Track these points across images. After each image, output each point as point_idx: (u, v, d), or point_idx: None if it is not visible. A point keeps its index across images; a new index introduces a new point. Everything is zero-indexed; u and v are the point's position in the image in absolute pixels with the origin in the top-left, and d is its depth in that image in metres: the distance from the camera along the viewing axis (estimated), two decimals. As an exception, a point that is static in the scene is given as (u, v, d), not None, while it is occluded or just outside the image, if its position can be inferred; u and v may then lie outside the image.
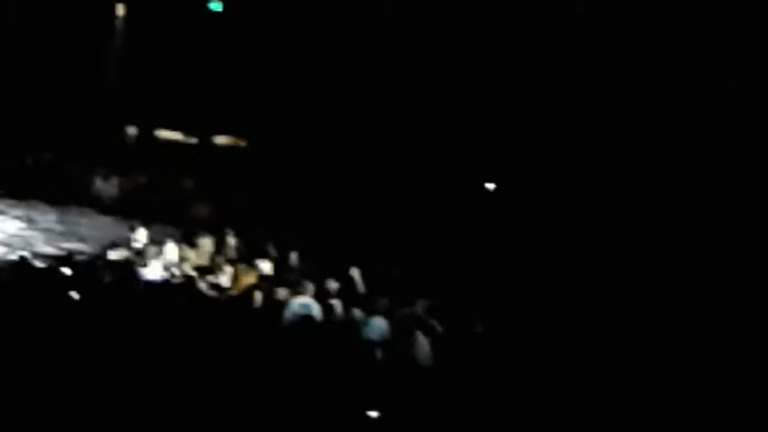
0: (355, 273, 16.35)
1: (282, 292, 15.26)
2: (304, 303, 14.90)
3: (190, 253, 17.05)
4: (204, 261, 17.04)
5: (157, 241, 17.49)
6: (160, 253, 16.79)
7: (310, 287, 15.22)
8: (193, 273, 16.30)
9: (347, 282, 16.12)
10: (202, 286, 15.65)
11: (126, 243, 17.34)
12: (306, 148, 24.80)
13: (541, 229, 21.43)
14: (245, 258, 17.19)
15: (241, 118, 26.33)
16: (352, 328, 14.55)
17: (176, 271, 16.37)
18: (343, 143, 24.58)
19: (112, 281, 15.12)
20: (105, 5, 26.93)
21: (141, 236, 17.41)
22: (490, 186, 23.83)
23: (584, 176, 23.01)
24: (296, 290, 15.24)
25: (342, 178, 23.51)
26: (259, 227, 19.38)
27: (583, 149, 23.26)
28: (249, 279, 16.29)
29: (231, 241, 17.77)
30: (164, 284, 15.71)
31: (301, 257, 17.31)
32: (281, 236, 18.26)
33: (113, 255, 16.76)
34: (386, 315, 14.80)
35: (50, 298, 13.62)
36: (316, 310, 14.86)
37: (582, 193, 22.67)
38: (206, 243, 17.51)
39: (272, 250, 17.59)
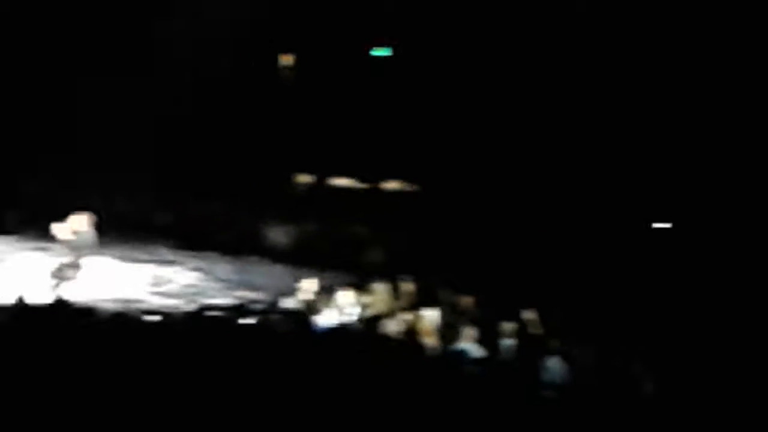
0: (530, 314, 15.92)
1: (453, 337, 14.94)
2: (468, 347, 14.60)
3: (366, 300, 16.79)
4: (380, 307, 16.75)
5: (330, 289, 17.31)
6: (333, 300, 16.58)
7: (473, 332, 14.93)
8: (370, 319, 16.03)
9: (522, 324, 15.72)
10: (380, 332, 15.34)
11: (299, 291, 17.17)
12: (477, 192, 24.49)
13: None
14: (420, 303, 16.86)
15: (412, 163, 26.16)
16: (528, 370, 14.15)
17: (352, 318, 16.09)
18: (512, 185, 24.25)
19: (287, 329, 14.93)
20: (273, 55, 27.20)
21: (313, 285, 17.21)
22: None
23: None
24: (466, 334, 14.92)
25: (513, 218, 23.18)
26: (434, 272, 19.07)
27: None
28: (424, 324, 15.94)
29: (406, 286, 17.46)
30: (340, 331, 15.45)
31: (476, 300, 16.95)
32: (455, 280, 17.95)
33: (287, 303, 16.61)
34: (564, 357, 14.38)
35: (225, 349, 13.48)
36: (481, 352, 14.53)
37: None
38: (381, 289, 17.24)
39: (447, 295, 17.27)
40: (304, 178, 26.69)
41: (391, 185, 26.69)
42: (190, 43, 25.40)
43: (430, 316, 16.28)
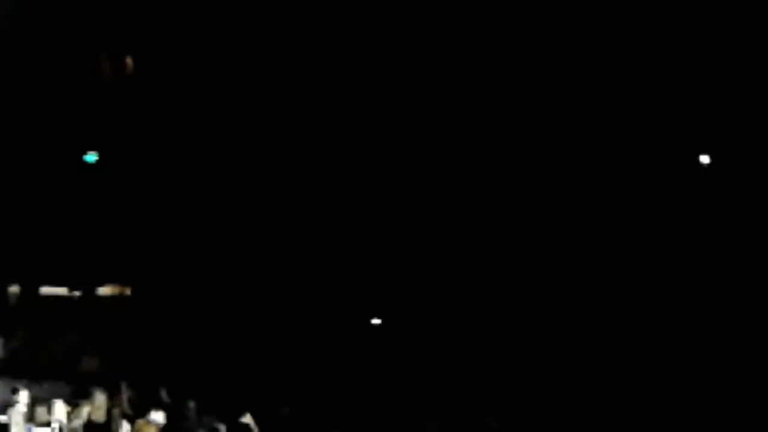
0: (247, 418, 16.10)
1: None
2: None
3: (84, 410, 16.58)
4: (99, 416, 16.58)
5: (45, 400, 17.00)
6: (48, 412, 16.29)
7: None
8: (88, 429, 15.86)
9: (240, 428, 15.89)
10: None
11: (11, 405, 16.79)
12: (192, 292, 24.53)
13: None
14: (140, 409, 16.78)
15: (124, 266, 25.98)
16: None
17: (71, 427, 15.89)
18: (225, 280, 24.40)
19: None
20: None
21: (24, 397, 16.88)
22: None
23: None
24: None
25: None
26: (152, 376, 19.01)
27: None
28: (150, 429, 15.89)
29: (124, 392, 17.35)
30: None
31: (197, 404, 16.99)
32: (175, 383, 17.92)
33: (2, 418, 16.22)
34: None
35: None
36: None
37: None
38: (99, 398, 17.06)
39: (166, 398, 17.22)
40: (15, 288, 26.12)
41: (105, 290, 26.43)
42: None
43: (154, 420, 16.24)
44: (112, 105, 26.26)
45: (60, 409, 16.46)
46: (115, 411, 16.70)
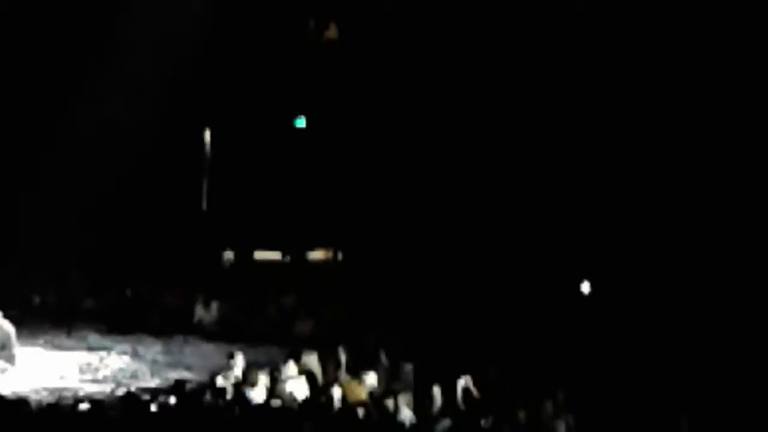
0: (465, 381, 15.97)
1: (390, 404, 14.93)
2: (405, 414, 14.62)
3: (299, 371, 16.75)
4: (314, 378, 16.72)
5: (262, 363, 17.26)
6: (264, 375, 16.51)
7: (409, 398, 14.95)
8: (305, 392, 15.99)
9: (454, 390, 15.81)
10: (316, 403, 15.31)
11: (230, 368, 17.09)
12: (405, 257, 24.57)
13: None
14: (355, 371, 16.87)
15: (333, 231, 26.23)
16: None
17: (287, 392, 16.04)
18: (436, 245, 24.35)
19: (220, 407, 14.85)
20: (193, 130, 27.20)
21: (241, 361, 17.16)
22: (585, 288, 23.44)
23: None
24: (404, 401, 14.92)
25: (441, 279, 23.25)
26: (368, 339, 19.12)
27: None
28: (359, 393, 15.93)
29: (340, 355, 17.46)
30: (275, 405, 15.39)
31: (414, 366, 17.04)
32: (391, 345, 18.02)
33: (219, 381, 16.52)
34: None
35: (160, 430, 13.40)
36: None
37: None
38: (313, 360, 17.20)
39: (384, 360, 17.34)
40: (230, 254, 26.66)
41: (316, 255, 26.73)
42: (108, 124, 25.36)
43: (366, 383, 16.29)
44: (322, 70, 26.49)
45: (285, 368, 16.64)
46: (329, 374, 16.81)
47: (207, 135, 27.28)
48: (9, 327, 18.62)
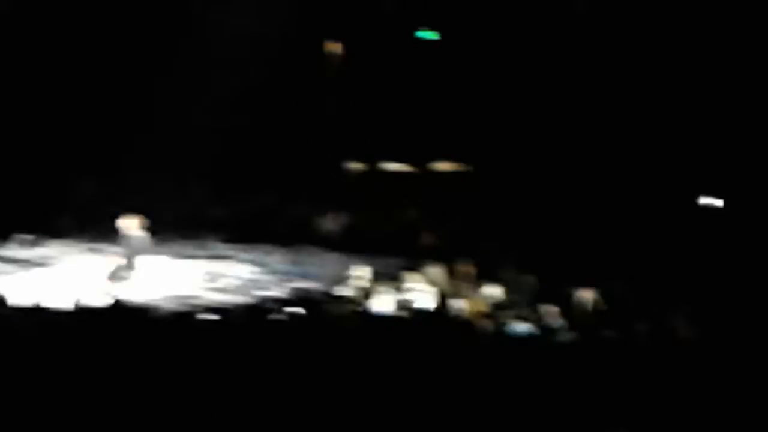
0: (586, 294, 15.80)
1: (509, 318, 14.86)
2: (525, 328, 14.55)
3: (423, 283, 16.74)
4: (437, 290, 16.69)
5: (384, 274, 17.27)
6: (389, 286, 16.53)
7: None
8: (429, 303, 15.97)
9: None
10: (439, 315, 15.27)
11: (354, 279, 17.13)
12: (528, 171, 24.33)
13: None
14: (477, 283, 16.80)
15: (460, 143, 26.02)
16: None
17: (410, 302, 16.02)
18: (562, 164, 24.08)
19: (344, 316, 14.90)
20: (316, 43, 27.16)
21: (365, 271, 17.17)
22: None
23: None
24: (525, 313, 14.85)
25: (568, 194, 23.01)
26: (491, 251, 19.00)
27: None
28: (482, 305, 15.85)
29: (463, 267, 17.39)
30: (399, 316, 15.39)
31: (536, 279, 16.91)
32: (514, 258, 17.91)
33: (342, 291, 16.58)
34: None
35: (284, 341, 13.47)
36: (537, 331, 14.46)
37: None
38: (437, 272, 17.17)
39: (506, 273, 17.23)
40: (355, 165, 26.64)
41: (441, 167, 26.57)
42: (233, 37, 25.39)
43: (489, 295, 16.22)
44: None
45: (409, 280, 16.65)
46: (453, 286, 16.77)
47: (334, 46, 27.19)
48: (144, 236, 18.81)
